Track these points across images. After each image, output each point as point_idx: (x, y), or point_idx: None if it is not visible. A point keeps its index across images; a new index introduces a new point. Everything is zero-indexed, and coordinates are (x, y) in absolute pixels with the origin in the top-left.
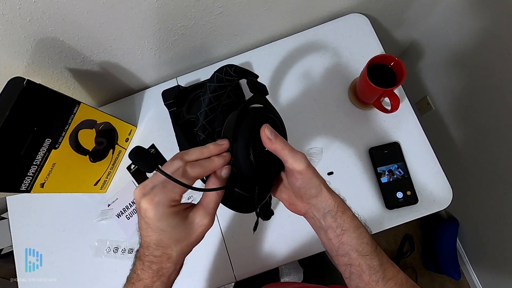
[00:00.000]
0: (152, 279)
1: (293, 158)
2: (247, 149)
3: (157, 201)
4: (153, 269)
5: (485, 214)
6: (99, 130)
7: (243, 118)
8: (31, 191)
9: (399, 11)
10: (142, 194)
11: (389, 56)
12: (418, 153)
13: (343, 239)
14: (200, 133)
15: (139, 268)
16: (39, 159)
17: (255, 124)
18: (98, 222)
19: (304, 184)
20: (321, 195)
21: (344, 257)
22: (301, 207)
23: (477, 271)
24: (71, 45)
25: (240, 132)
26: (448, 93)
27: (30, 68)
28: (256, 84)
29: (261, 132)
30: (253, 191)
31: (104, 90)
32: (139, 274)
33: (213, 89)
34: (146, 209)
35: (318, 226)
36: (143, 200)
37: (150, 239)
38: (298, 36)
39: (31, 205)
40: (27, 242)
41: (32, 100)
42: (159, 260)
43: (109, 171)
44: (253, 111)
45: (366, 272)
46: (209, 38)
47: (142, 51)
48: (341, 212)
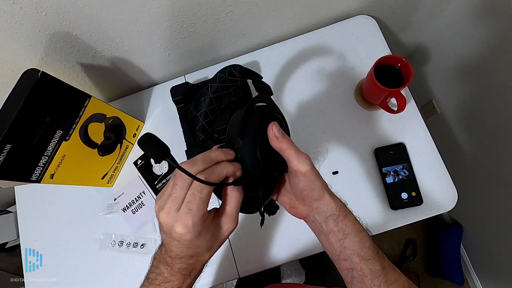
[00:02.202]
0: (180, 281)
1: (298, 159)
2: (254, 147)
3: (193, 223)
4: (183, 273)
5: (490, 220)
6: (108, 125)
7: (250, 116)
8: (41, 181)
9: (407, 15)
10: (173, 220)
11: (396, 56)
12: (424, 154)
13: (345, 243)
14: (200, 133)
15: (166, 271)
16: (50, 150)
17: (261, 123)
18: (104, 215)
19: (306, 186)
20: (323, 198)
21: (346, 262)
22: (302, 210)
23: (481, 277)
24: (83, 39)
25: (247, 130)
26: (454, 97)
27: (43, 62)
28: (261, 84)
29: (269, 130)
30: (257, 191)
31: (113, 85)
32: (166, 277)
33: (215, 89)
34: (182, 234)
35: (319, 230)
36: (176, 225)
37: (183, 254)
38: (306, 36)
39: (38, 197)
40: (34, 235)
41: (45, 92)
42: (192, 267)
43: (116, 165)
44: (259, 110)
45: (368, 277)
46: (218, 36)
47: (152, 47)
48: (343, 216)
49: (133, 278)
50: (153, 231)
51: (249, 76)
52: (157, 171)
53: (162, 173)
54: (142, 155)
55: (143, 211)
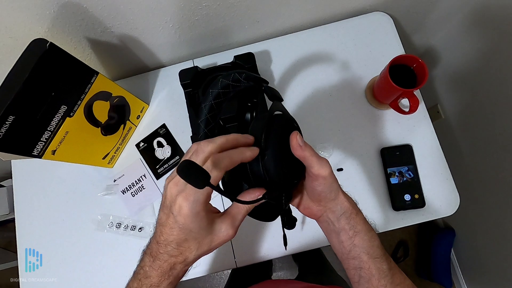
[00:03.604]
0: (159, 279)
1: (320, 164)
2: (280, 157)
3: (194, 199)
4: (163, 268)
5: (482, 226)
6: (113, 104)
7: (272, 125)
8: (42, 157)
9: (422, 15)
10: (178, 191)
11: (413, 56)
12: (430, 157)
13: (355, 241)
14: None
15: (148, 264)
16: (53, 125)
17: (282, 131)
18: (103, 196)
19: (325, 188)
20: (338, 198)
21: (355, 260)
22: (316, 210)
23: (468, 282)
24: (93, 13)
25: (270, 140)
26: (459, 103)
27: (49, 33)
28: (273, 91)
29: (292, 139)
30: (279, 199)
31: (120, 64)
32: (146, 271)
33: (216, 95)
34: (182, 206)
35: (331, 229)
36: (179, 196)
37: (173, 237)
38: (319, 29)
39: (36, 173)
40: (29, 211)
41: (52, 64)
42: (173, 261)
43: (118, 146)
44: (279, 118)
45: (375, 276)
46: (231, 21)
47: (164, 27)
48: (354, 214)
49: (128, 261)
50: (151, 215)
51: (256, 82)
52: (160, 155)
53: (164, 157)
54: (145, 138)
55: (142, 195)
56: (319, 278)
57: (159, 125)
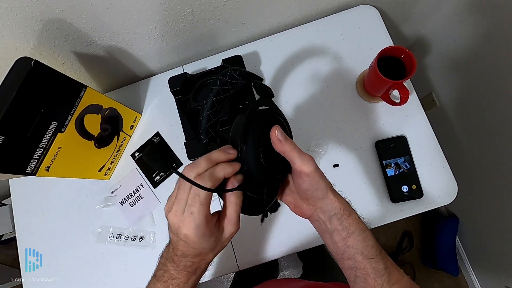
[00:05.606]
0: (186, 278)
1: (301, 160)
2: (257, 151)
3: (196, 225)
4: (188, 271)
5: (486, 212)
6: (104, 116)
7: (252, 120)
8: (36, 174)
9: (409, 5)
10: (180, 221)
11: (400, 48)
12: (425, 147)
13: (349, 242)
14: (203, 136)
15: (172, 269)
16: (45, 142)
17: (264, 126)
18: (102, 208)
19: (311, 186)
20: (327, 197)
21: (349, 261)
22: (306, 209)
23: (475, 268)
24: (78, 27)
25: (249, 134)
26: (453, 90)
27: (36, 50)
28: (262, 87)
29: (271, 133)
30: (261, 193)
31: (110, 76)
32: (173, 274)
33: (216, 92)
34: (187, 234)
35: (324, 229)
36: (182, 227)
37: (189, 252)
38: (307, 26)
39: (34, 190)
40: (30, 228)
41: (39, 81)
42: (197, 265)
43: (113, 157)
44: (261, 113)
45: (371, 276)
46: (217, 25)
47: (150, 36)
48: (347, 215)
49: (131, 271)
50: (151, 224)
51: (250, 79)
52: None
53: None
54: (139, 147)
55: (141, 204)
56: (322, 275)
57: (153, 133)
